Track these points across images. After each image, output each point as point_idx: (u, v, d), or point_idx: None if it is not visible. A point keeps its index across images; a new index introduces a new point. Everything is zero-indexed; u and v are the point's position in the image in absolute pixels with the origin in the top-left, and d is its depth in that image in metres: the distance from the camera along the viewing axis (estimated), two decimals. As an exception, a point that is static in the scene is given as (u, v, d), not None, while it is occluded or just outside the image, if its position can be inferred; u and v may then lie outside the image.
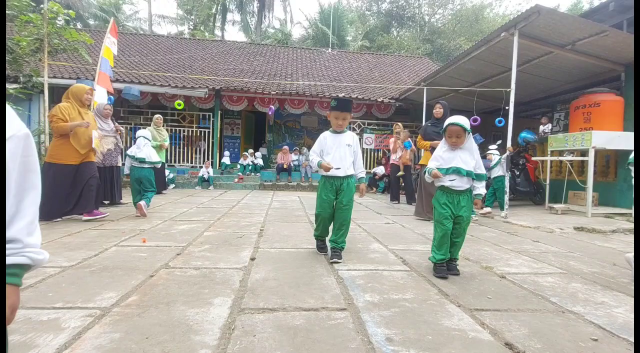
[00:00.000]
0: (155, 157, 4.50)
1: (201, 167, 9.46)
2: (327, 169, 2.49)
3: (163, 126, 7.49)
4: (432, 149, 4.64)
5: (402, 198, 7.04)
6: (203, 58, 13.92)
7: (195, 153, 10.84)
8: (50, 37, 6.62)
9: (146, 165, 4.38)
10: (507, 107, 5.24)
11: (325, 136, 2.65)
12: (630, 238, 4.03)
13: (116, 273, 2.14)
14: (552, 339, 1.45)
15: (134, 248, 2.76)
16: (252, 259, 2.51)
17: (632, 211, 5.26)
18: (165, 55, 13.61)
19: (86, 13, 23.44)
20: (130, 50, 13.51)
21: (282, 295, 1.82)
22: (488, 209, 5.24)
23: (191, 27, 28.14)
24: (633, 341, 1.46)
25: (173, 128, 10.31)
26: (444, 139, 2.34)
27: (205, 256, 2.56)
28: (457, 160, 2.27)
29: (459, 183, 2.27)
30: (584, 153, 5.50)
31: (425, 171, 2.35)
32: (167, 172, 8.50)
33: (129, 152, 4.45)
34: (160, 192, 6.84)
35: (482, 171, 2.32)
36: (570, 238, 3.82)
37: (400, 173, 6.90)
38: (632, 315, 1.75)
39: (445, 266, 2.28)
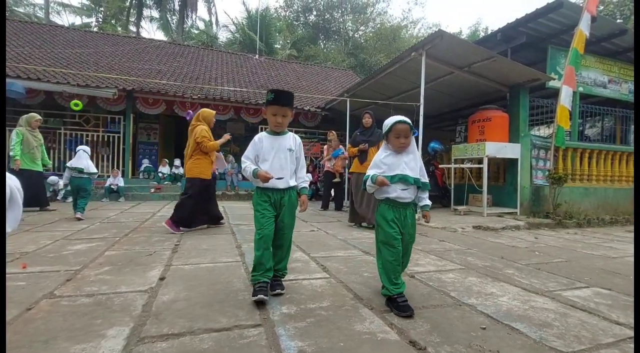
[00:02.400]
0: (93, 168, 5.14)
1: (109, 176, 8.41)
2: (266, 179, 1.96)
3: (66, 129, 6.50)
4: (360, 153, 4.85)
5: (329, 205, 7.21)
6: (113, 55, 12.55)
7: (103, 161, 9.62)
8: None
9: (84, 175, 5.03)
10: (417, 120, 5.77)
11: (261, 138, 2.11)
12: (515, 234, 4.73)
13: (-22, 309, 1.74)
14: (449, 332, 1.59)
15: (9, 276, 2.29)
16: (162, 279, 2.28)
17: (517, 210, 6.21)
18: (64, 48, 11.92)
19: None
20: (18, 41, 11.53)
21: (191, 317, 1.68)
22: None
23: (100, 20, 25.27)
24: (515, 326, 1.68)
25: (73, 132, 9.04)
26: (384, 143, 2.05)
27: (104, 279, 2.24)
28: (403, 166, 1.95)
29: (408, 194, 1.95)
30: (480, 161, 6.33)
31: (365, 180, 2.03)
32: (57, 181, 7.35)
33: (68, 164, 5.09)
34: (44, 208, 5.72)
35: (426, 179, 2.03)
36: (470, 236, 4.33)
37: (337, 180, 7.04)
38: (514, 302, 2.02)
39: (406, 299, 1.85)
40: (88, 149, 5.34)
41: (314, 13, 28.49)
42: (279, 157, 2.07)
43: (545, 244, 4.00)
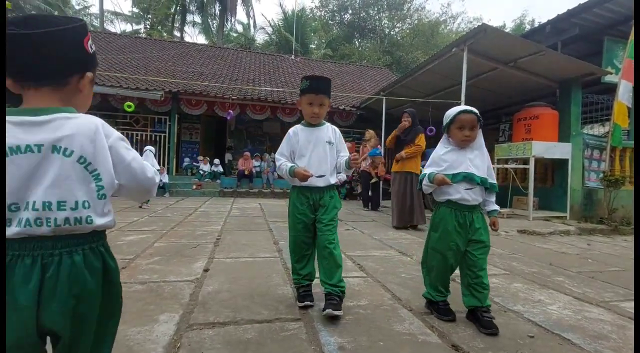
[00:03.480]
0: (156, 166, 6.06)
1: (156, 173, 8.97)
2: (305, 178, 1.70)
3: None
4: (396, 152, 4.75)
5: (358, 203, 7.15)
6: (159, 59, 13.34)
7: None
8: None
9: None
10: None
11: (296, 132, 1.87)
12: (565, 239, 4.43)
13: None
14: (494, 338, 1.53)
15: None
16: (206, 270, 2.41)
17: (566, 214, 5.80)
18: (117, 54, 12.85)
19: (28, 5, 21.49)
20: (77, 48, 12.58)
21: (235, 308, 1.76)
22: None
23: (147, 27, 26.91)
24: (567, 337, 1.59)
25: (124, 131, 9.72)
26: (444, 138, 1.81)
27: (154, 269, 2.41)
28: (467, 163, 1.69)
29: (474, 195, 1.68)
30: (525, 161, 5.98)
31: (420, 179, 1.79)
32: None
33: None
34: None
35: (494, 180, 1.76)
36: (514, 240, 4.11)
37: (374, 180, 6.88)
38: (565, 312, 1.90)
39: (448, 303, 1.75)
40: (153, 148, 6.33)
41: (350, 11, 28.34)
42: (317, 151, 1.82)
43: (599, 251, 3.71)
